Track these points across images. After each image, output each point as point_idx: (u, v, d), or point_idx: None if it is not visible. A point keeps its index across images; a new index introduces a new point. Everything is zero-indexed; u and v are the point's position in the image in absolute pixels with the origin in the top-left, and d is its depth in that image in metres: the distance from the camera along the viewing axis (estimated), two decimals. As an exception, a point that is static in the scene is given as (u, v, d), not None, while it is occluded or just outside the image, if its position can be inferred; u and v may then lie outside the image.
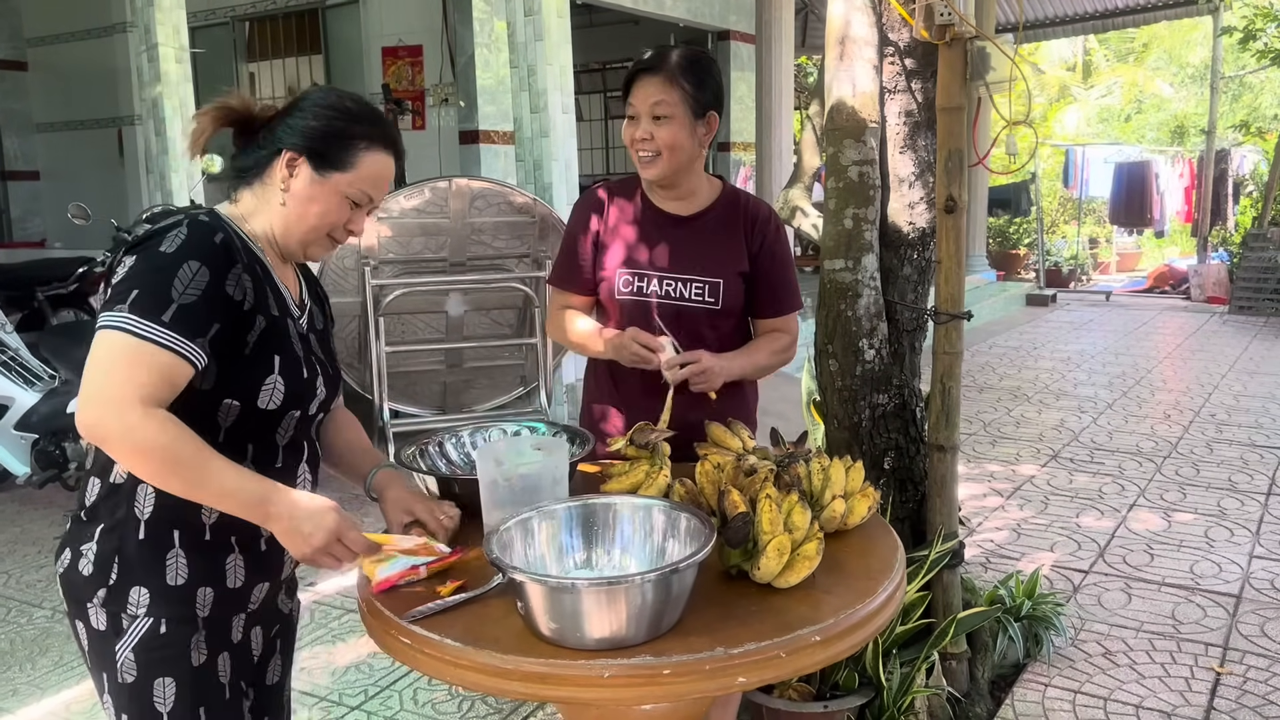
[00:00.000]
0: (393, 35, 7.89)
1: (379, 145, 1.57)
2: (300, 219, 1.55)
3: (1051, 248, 14.83)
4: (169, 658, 1.48)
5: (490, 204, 5.18)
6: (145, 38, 5.31)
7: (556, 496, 1.65)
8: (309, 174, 1.53)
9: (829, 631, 1.41)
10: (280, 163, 1.53)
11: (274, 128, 1.55)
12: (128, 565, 1.47)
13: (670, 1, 8.95)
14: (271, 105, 1.59)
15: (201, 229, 1.45)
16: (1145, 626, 3.36)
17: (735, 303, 2.25)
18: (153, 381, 1.36)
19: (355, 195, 1.56)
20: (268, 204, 1.56)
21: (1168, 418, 6.32)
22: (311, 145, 1.53)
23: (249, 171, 1.57)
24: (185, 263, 1.40)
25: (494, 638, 1.38)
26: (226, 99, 1.56)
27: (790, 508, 1.57)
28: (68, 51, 9.44)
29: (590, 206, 2.32)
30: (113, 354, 1.36)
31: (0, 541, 4.30)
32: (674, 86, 2.09)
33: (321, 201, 1.54)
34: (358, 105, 1.59)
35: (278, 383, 1.50)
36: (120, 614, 1.46)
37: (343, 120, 1.55)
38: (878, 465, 2.81)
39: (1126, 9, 12.04)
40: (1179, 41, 19.94)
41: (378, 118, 1.60)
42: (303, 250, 1.59)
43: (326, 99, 1.57)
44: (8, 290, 5.25)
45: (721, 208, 2.27)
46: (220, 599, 1.52)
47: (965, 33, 2.45)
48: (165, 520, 1.47)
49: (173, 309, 1.37)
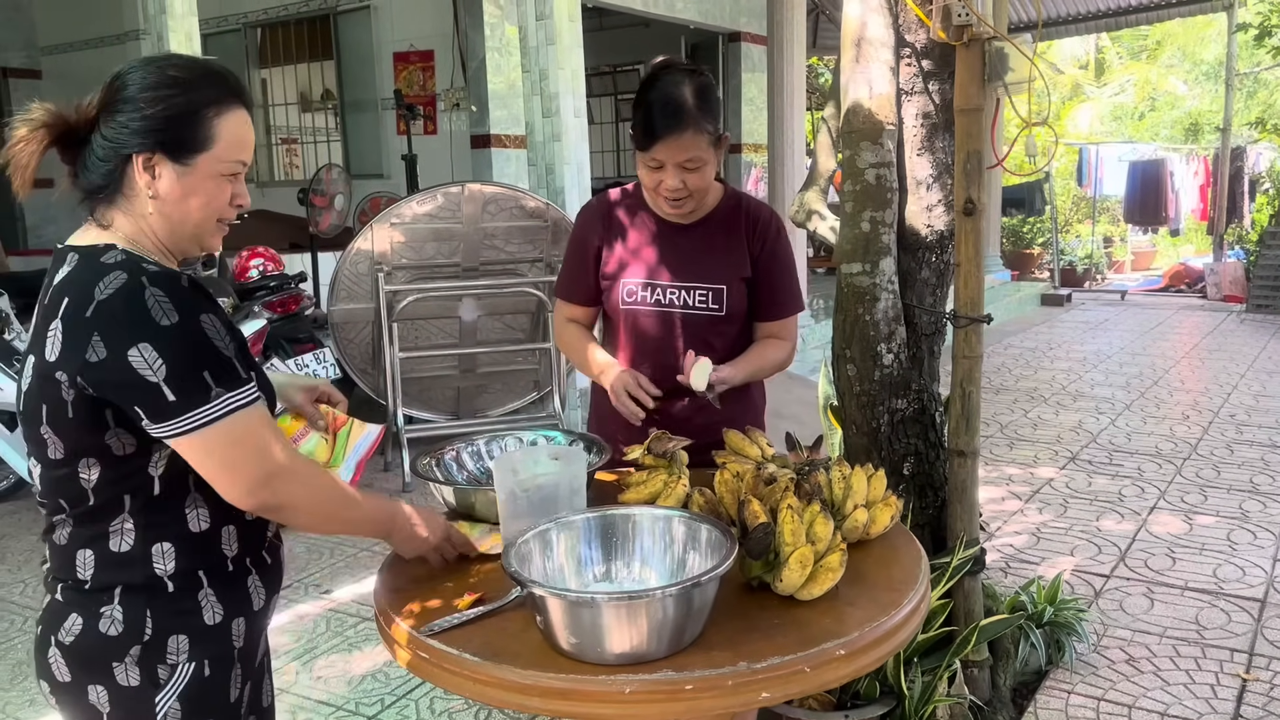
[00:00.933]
0: (404, 40, 7.90)
1: (228, 104, 1.39)
2: (183, 219, 1.40)
3: (1066, 247, 14.76)
4: (213, 699, 1.44)
5: (502, 208, 5.17)
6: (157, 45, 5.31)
7: (574, 507, 1.63)
8: (171, 169, 1.37)
9: (854, 645, 1.39)
10: (134, 168, 1.36)
11: (105, 132, 1.36)
12: (162, 616, 1.39)
13: (681, 4, 8.93)
14: (86, 104, 1.38)
15: (167, 280, 1.33)
16: (1169, 632, 3.32)
17: (739, 308, 2.24)
18: (275, 432, 1.39)
19: (229, 169, 1.41)
20: (142, 217, 1.39)
21: (1186, 418, 6.26)
22: (161, 137, 1.35)
23: (104, 190, 1.39)
24: (199, 319, 1.33)
25: (513, 652, 1.36)
26: (31, 116, 1.36)
27: (812, 518, 1.55)
28: (81, 59, 9.48)
29: (593, 217, 2.31)
30: (252, 432, 1.35)
31: (16, 550, 4.30)
32: (700, 134, 2.05)
33: (199, 191, 1.39)
34: (184, 70, 1.39)
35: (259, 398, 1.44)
36: (158, 665, 1.39)
37: (181, 94, 1.36)
38: (897, 471, 2.78)
39: (1140, 6, 11.95)
40: (1193, 38, 19.82)
41: (213, 72, 1.41)
42: (197, 246, 1.46)
43: (149, 78, 1.36)
44: (23, 298, 5.25)
45: (723, 213, 2.26)
46: (250, 626, 1.49)
47: (983, 33, 2.42)
48: (190, 569, 1.42)
49: (237, 365, 1.36)
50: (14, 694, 3.09)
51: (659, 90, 2.06)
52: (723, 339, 2.25)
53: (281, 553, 1.60)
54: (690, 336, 2.22)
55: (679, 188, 2.10)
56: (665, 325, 2.23)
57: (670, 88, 2.05)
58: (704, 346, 2.21)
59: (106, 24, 9.08)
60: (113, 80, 1.38)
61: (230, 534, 1.46)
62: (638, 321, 2.24)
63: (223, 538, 1.45)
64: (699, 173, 2.09)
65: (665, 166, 2.08)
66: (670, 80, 2.07)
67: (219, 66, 1.45)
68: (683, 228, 2.24)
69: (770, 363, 2.27)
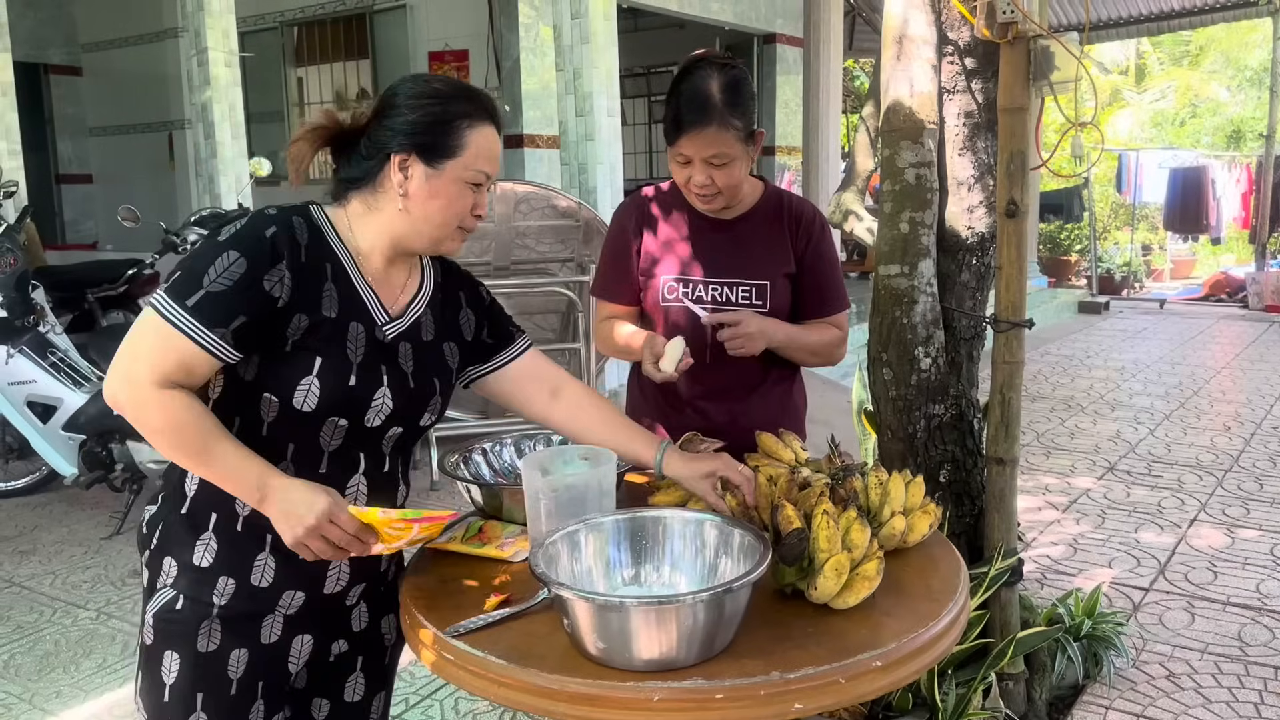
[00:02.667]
0: (439, 40, 7.92)
1: (480, 119, 1.52)
2: (426, 218, 1.52)
3: (1104, 254, 14.55)
4: (179, 634, 1.49)
5: (535, 208, 5.15)
6: (195, 42, 5.36)
7: (604, 508, 1.59)
8: (423, 170, 1.49)
9: (890, 657, 1.34)
10: (391, 167, 1.50)
11: (373, 134, 1.52)
12: (167, 535, 1.51)
13: (716, 5, 8.89)
14: (361, 112, 1.54)
15: (258, 222, 1.44)
16: (1210, 648, 3.23)
17: (783, 305, 2.19)
18: (169, 364, 1.38)
19: (472, 177, 1.52)
20: (382, 210, 1.52)
21: (1228, 430, 6.13)
22: (417, 140, 1.49)
23: (357, 181, 1.54)
24: (226, 252, 1.40)
25: (539, 655, 1.33)
26: (316, 121, 1.53)
27: (848, 524, 1.50)
28: (120, 57, 9.60)
29: (630, 214, 2.27)
30: (143, 331, 1.40)
31: (47, 542, 4.33)
32: (726, 130, 2.00)
33: (443, 194, 1.51)
34: (447, 86, 1.54)
35: (313, 384, 1.45)
36: (155, 577, 1.51)
37: (439, 104, 1.50)
38: (933, 478, 2.72)
39: (1183, 11, 11.78)
40: (1236, 44, 19.51)
41: (470, 92, 1.55)
42: (435, 247, 1.56)
43: (415, 88, 1.52)
44: (59, 292, 5.29)
45: (765, 209, 2.21)
46: (241, 593, 1.49)
47: (1029, 31, 2.37)
48: (206, 501, 1.49)
49: (199, 295, 1.38)
50: (41, 685, 3.10)
51: (688, 84, 2.02)
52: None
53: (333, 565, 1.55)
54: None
55: (706, 183, 2.06)
56: (694, 317, 2.18)
57: (699, 82, 2.01)
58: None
59: (146, 21, 9.18)
60: (385, 93, 1.55)
61: None
62: (679, 319, 2.20)
63: None
64: (726, 169, 2.04)
65: (693, 161, 2.04)
66: (701, 74, 2.02)
67: (477, 88, 1.59)
68: (723, 224, 2.19)
69: (820, 340, 2.21)
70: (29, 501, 4.87)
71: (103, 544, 4.28)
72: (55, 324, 4.76)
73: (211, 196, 5.44)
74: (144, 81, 9.30)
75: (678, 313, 2.19)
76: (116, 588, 3.81)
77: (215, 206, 5.30)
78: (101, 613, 3.60)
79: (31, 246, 5.33)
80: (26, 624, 3.52)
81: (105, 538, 4.33)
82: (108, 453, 4.38)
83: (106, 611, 3.61)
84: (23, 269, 4.69)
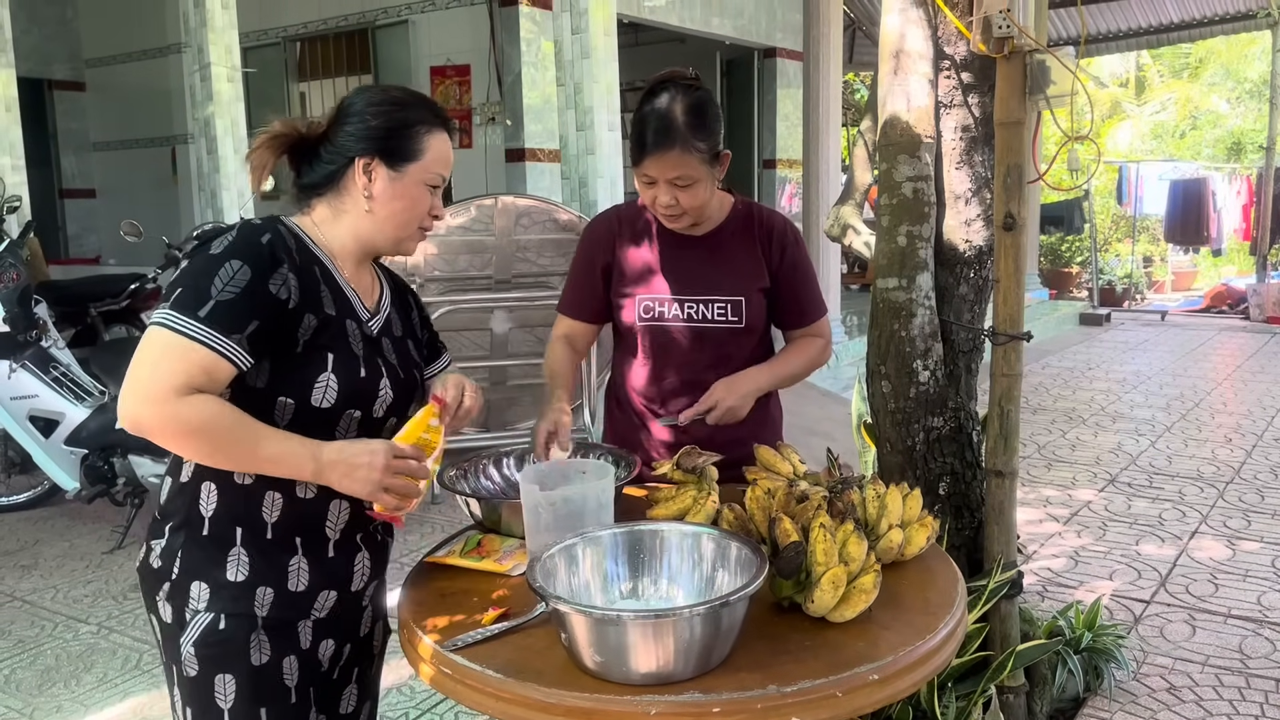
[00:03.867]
0: (441, 55, 7.95)
1: (436, 126, 1.61)
2: (390, 218, 1.58)
3: (1105, 266, 14.55)
4: (229, 654, 1.49)
5: (535, 221, 5.16)
6: (198, 58, 5.38)
7: (601, 522, 1.60)
8: (386, 173, 1.56)
9: (887, 670, 1.34)
10: (355, 171, 1.56)
11: (334, 139, 1.58)
12: (190, 560, 1.50)
13: (717, 20, 8.93)
14: (317, 122, 1.61)
15: (249, 230, 1.48)
16: (1211, 660, 3.23)
17: (758, 319, 2.22)
18: (190, 376, 1.38)
19: (431, 179, 1.60)
20: (347, 213, 1.59)
21: (1229, 441, 6.12)
22: (381, 145, 1.56)
23: (319, 186, 1.60)
24: (228, 262, 1.43)
25: (537, 670, 1.34)
26: (276, 129, 1.58)
27: (845, 538, 1.51)
28: (124, 72, 9.64)
29: (601, 234, 2.27)
30: (154, 349, 1.39)
31: (49, 556, 4.34)
32: (689, 153, 2.01)
33: (405, 196, 1.58)
34: (404, 94, 1.63)
35: (330, 380, 1.50)
36: (184, 608, 1.49)
37: (400, 111, 1.58)
38: (932, 491, 2.72)
39: (1183, 24, 11.83)
40: (1236, 56, 19.54)
41: (425, 100, 1.64)
42: (398, 247, 1.63)
43: (375, 97, 1.60)
44: (62, 306, 5.31)
45: (735, 223, 2.23)
46: (280, 600, 1.51)
47: (1025, 45, 2.38)
48: (228, 518, 1.50)
49: (210, 305, 1.40)
50: (42, 699, 3.10)
51: (652, 106, 2.04)
52: (742, 350, 2.23)
53: (359, 561, 1.61)
54: (710, 349, 2.20)
55: (671, 203, 2.07)
56: (685, 339, 2.20)
57: (664, 104, 2.03)
58: (723, 359, 2.20)
59: (149, 37, 9.22)
60: (342, 102, 1.61)
61: (274, 500, 1.51)
62: (657, 337, 2.21)
63: (264, 500, 1.51)
64: (690, 190, 2.05)
65: (658, 182, 2.05)
66: (665, 96, 2.04)
67: (428, 97, 1.69)
68: (695, 240, 2.21)
69: (803, 361, 2.26)
70: (31, 516, 4.87)
71: (104, 558, 4.28)
72: (58, 339, 4.78)
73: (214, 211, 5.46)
74: (147, 96, 9.34)
75: (656, 331, 2.21)
76: (118, 602, 3.82)
77: (218, 221, 5.32)
78: (103, 627, 3.60)
79: (34, 261, 5.34)
80: (28, 638, 3.52)
81: (107, 552, 4.33)
82: (109, 467, 4.39)
83: (108, 626, 3.61)
84: (25, 284, 4.70)
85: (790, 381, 2.27)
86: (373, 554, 1.64)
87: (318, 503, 1.54)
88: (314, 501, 1.53)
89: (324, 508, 1.55)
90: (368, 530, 1.63)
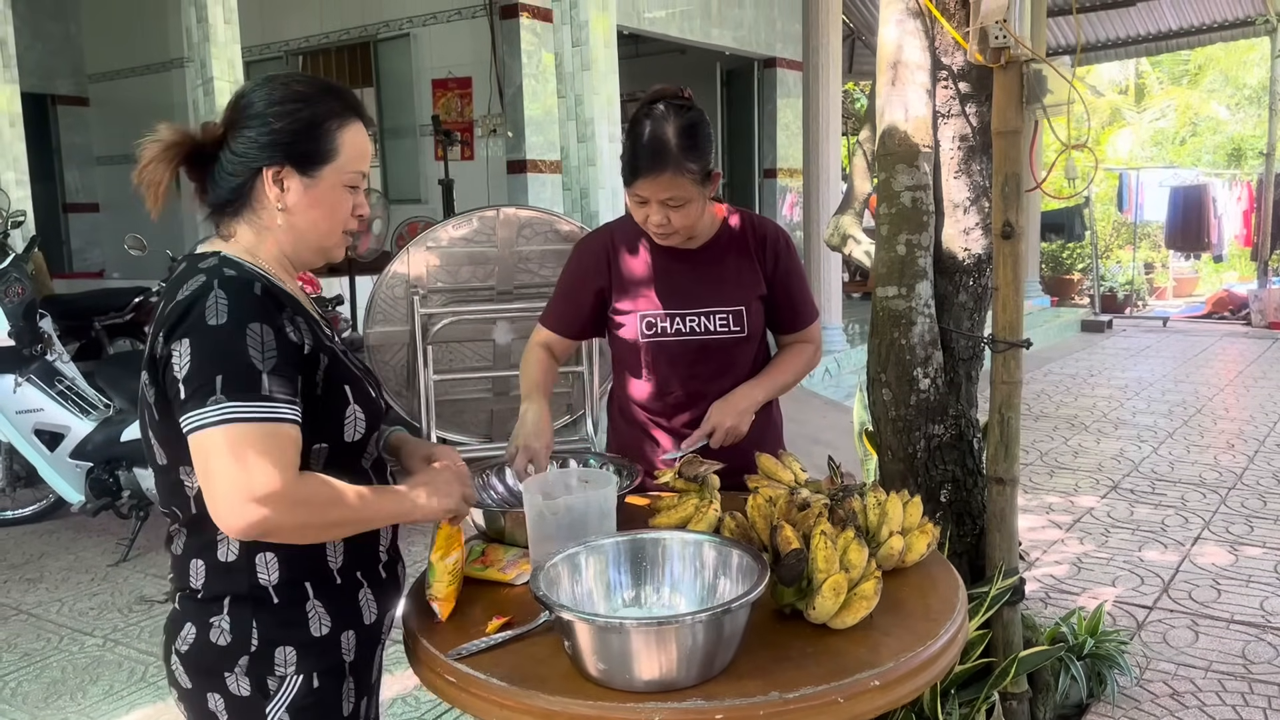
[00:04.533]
0: (442, 68, 7.99)
1: (349, 117, 1.45)
2: (311, 228, 1.45)
3: (1106, 273, 14.56)
4: (324, 710, 1.44)
5: (537, 232, 5.18)
6: (201, 72, 5.42)
7: (604, 530, 1.61)
8: (300, 180, 1.42)
9: (888, 676, 1.35)
10: (264, 182, 1.41)
11: (234, 148, 1.41)
12: (269, 627, 1.40)
13: (716, 30, 8.96)
14: (213, 124, 1.44)
15: (237, 284, 1.35)
16: (1214, 666, 3.23)
17: (759, 327, 2.25)
18: (286, 456, 1.30)
19: (350, 179, 1.46)
20: (267, 229, 1.44)
21: (1231, 447, 6.13)
22: (289, 150, 1.41)
23: (231, 204, 1.44)
24: (246, 329, 1.31)
25: (541, 678, 1.35)
26: (165, 138, 1.41)
27: (846, 545, 1.52)
28: (127, 87, 9.68)
29: (594, 251, 2.28)
30: (238, 447, 1.27)
31: (54, 569, 4.35)
32: (682, 174, 2.03)
33: (325, 202, 1.44)
34: (307, 86, 1.45)
35: (357, 412, 1.45)
36: (268, 677, 1.40)
37: (306, 108, 1.42)
38: (934, 498, 2.74)
39: (1181, 31, 11.87)
40: (1235, 63, 19.57)
41: (333, 89, 1.47)
42: (324, 256, 1.51)
43: (276, 94, 1.42)
44: (66, 320, 5.34)
45: (729, 234, 2.25)
46: (361, 639, 1.49)
47: (1021, 56, 2.40)
48: (295, 580, 1.42)
49: (264, 379, 1.30)
50: (48, 712, 3.11)
51: (645, 127, 2.05)
52: (744, 358, 2.26)
53: (400, 569, 1.60)
54: (715, 361, 2.22)
55: (663, 223, 2.09)
56: (689, 353, 2.21)
57: (656, 125, 2.04)
58: (728, 368, 2.22)
59: (152, 52, 9.27)
60: (237, 99, 1.44)
61: (336, 546, 1.45)
62: (661, 352, 2.23)
63: (327, 550, 1.44)
64: (682, 210, 2.07)
65: (650, 201, 2.07)
66: (657, 116, 2.05)
67: (336, 83, 1.50)
68: (692, 253, 2.22)
69: (795, 368, 2.30)
70: (36, 529, 4.89)
71: (109, 571, 4.29)
72: (62, 352, 4.80)
73: (216, 225, 5.48)
74: (150, 111, 9.36)
75: (659, 346, 2.22)
76: (123, 614, 3.83)
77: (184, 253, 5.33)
78: (108, 639, 3.61)
79: (39, 275, 5.37)
80: (33, 651, 3.53)
81: (112, 564, 4.34)
82: (114, 480, 4.41)
83: (113, 638, 3.62)
84: (30, 298, 4.72)
85: (784, 390, 2.30)
86: (402, 561, 1.63)
87: (372, 534, 1.50)
88: (369, 534, 1.49)
89: (375, 532, 1.51)
90: (396, 541, 1.61)
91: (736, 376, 2.23)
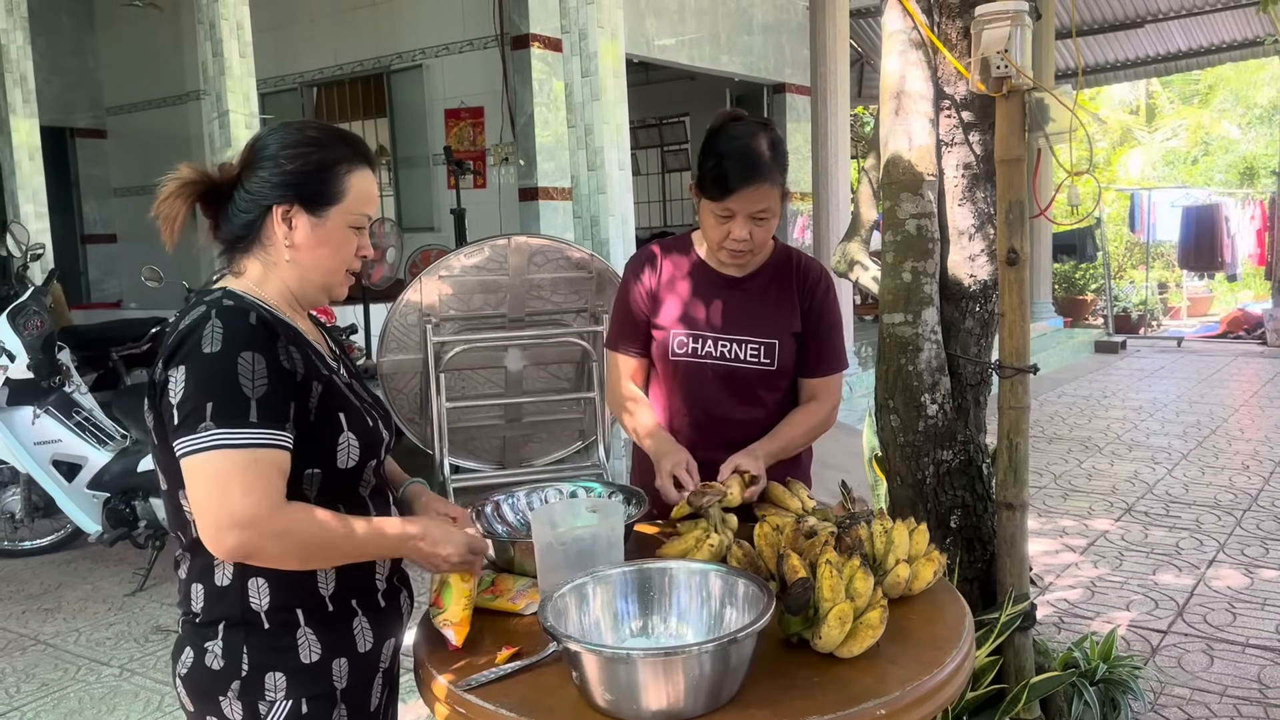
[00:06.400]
0: (455, 98, 8.07)
1: (358, 163, 1.53)
2: (316, 266, 1.52)
3: (1120, 293, 14.54)
4: None
5: (548, 260, 5.22)
6: (217, 105, 5.50)
7: (612, 560, 1.63)
8: (307, 220, 1.49)
9: (895, 705, 1.36)
10: (273, 220, 1.48)
11: (248, 186, 1.49)
12: (259, 652, 1.45)
13: (726, 57, 9.04)
14: (229, 165, 1.53)
15: (233, 314, 1.41)
16: (1229, 690, 3.21)
17: (790, 363, 2.24)
18: (271, 482, 1.35)
19: (355, 221, 1.53)
20: (274, 265, 1.51)
21: (1246, 469, 6.10)
22: (299, 190, 1.48)
23: (242, 240, 1.52)
24: (238, 357, 1.37)
25: (549, 708, 1.36)
26: (184, 175, 1.49)
27: (852, 573, 1.53)
28: (144, 119, 9.82)
29: (643, 266, 2.31)
30: (222, 473, 1.33)
31: (71, 599, 4.38)
32: (774, 186, 2.06)
33: (330, 242, 1.51)
34: (320, 132, 1.54)
35: (350, 439, 1.49)
36: (258, 702, 1.44)
37: (318, 152, 1.50)
38: (944, 524, 2.74)
39: (1190, 51, 11.91)
40: (1245, 82, 19.59)
41: (344, 136, 1.56)
42: (328, 294, 1.57)
43: (290, 138, 1.51)
44: (84, 351, 5.40)
45: (774, 267, 2.26)
46: (355, 666, 1.51)
47: (1023, 85, 2.42)
48: (286, 606, 1.46)
49: (253, 407, 1.35)
50: (66, 742, 3.13)
51: (734, 141, 2.06)
52: (773, 393, 2.25)
53: (402, 599, 1.62)
54: (740, 390, 2.22)
55: (746, 239, 2.09)
56: (715, 378, 2.22)
57: (747, 139, 2.06)
58: (754, 400, 2.22)
59: (168, 85, 9.41)
60: (253, 143, 1.52)
61: (327, 574, 1.48)
62: (687, 373, 2.24)
63: (318, 577, 1.48)
64: (766, 224, 2.09)
65: (736, 217, 2.07)
66: (745, 131, 2.08)
67: (348, 132, 1.59)
68: (734, 281, 2.24)
69: (805, 431, 2.24)
70: (54, 559, 4.93)
71: (126, 600, 4.32)
72: (80, 384, 4.85)
73: (232, 256, 5.54)
74: (167, 143, 9.50)
75: (687, 367, 2.24)
76: (140, 644, 3.85)
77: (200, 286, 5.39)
78: (125, 669, 3.63)
79: (57, 307, 5.44)
80: (51, 681, 3.56)
81: (129, 594, 4.37)
82: (131, 510, 4.45)
83: (130, 669, 3.64)
84: (49, 331, 4.79)
85: (793, 452, 2.25)
86: (408, 589, 1.66)
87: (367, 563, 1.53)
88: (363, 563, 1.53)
89: (372, 562, 1.54)
90: (401, 568, 1.64)
91: (761, 409, 2.22)
